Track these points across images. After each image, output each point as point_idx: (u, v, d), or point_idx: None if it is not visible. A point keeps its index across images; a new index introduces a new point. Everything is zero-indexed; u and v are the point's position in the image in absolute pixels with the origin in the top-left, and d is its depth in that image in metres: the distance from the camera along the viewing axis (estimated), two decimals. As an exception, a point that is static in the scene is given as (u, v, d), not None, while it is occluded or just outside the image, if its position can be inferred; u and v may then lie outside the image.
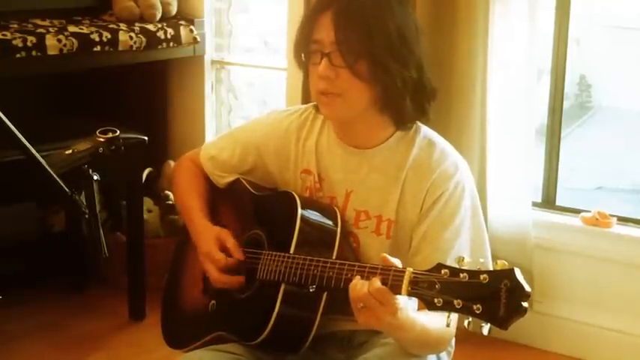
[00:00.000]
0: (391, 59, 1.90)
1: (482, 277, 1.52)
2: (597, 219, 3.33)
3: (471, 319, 1.53)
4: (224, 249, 2.05)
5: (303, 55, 1.99)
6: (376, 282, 1.65)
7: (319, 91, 1.95)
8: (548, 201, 3.50)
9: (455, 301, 1.53)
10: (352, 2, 1.91)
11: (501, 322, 1.49)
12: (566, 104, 3.56)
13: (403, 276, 1.62)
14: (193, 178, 2.27)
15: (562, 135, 3.47)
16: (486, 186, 3.28)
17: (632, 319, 3.30)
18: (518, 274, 1.50)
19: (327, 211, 2.01)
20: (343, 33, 1.89)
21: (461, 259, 1.57)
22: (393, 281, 1.64)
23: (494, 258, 1.99)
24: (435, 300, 1.56)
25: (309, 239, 1.93)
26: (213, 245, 2.06)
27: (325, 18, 1.91)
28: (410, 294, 1.61)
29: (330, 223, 1.97)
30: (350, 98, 1.93)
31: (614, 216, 3.34)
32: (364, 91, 1.92)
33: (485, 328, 1.51)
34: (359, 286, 1.68)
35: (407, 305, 1.70)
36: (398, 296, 1.64)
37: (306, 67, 2.00)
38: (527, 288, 1.49)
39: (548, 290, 3.36)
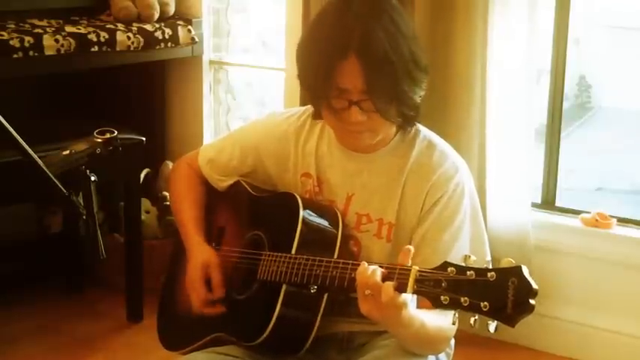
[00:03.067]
0: (413, 86, 1.88)
1: (489, 274, 1.51)
2: (597, 220, 3.32)
3: (477, 316, 1.52)
4: (208, 280, 2.05)
5: (324, 102, 1.90)
6: (390, 288, 1.62)
7: (350, 131, 1.93)
8: (548, 202, 3.49)
9: (462, 299, 1.52)
10: (372, 43, 1.82)
11: (509, 319, 1.48)
12: (565, 104, 3.55)
13: (409, 274, 1.61)
14: (189, 184, 2.25)
15: (562, 135, 3.46)
16: (486, 187, 3.27)
17: (632, 320, 3.29)
18: (526, 272, 1.49)
19: (329, 213, 2.00)
20: (374, 83, 1.82)
21: (467, 257, 1.56)
22: (399, 279, 1.63)
23: (493, 259, 1.98)
24: (442, 298, 1.55)
25: (310, 241, 1.92)
26: (199, 276, 2.05)
27: (350, 65, 1.82)
28: (416, 292, 1.60)
29: (332, 225, 1.96)
30: (379, 132, 1.93)
31: (614, 217, 3.34)
32: (392, 123, 1.93)
33: (492, 326, 1.50)
34: (369, 272, 1.66)
35: (411, 302, 1.69)
36: (403, 294, 1.63)
37: (321, 105, 1.94)
38: (535, 285, 1.48)
39: (548, 291, 3.34)
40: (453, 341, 2.05)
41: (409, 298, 1.66)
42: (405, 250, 1.68)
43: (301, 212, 1.93)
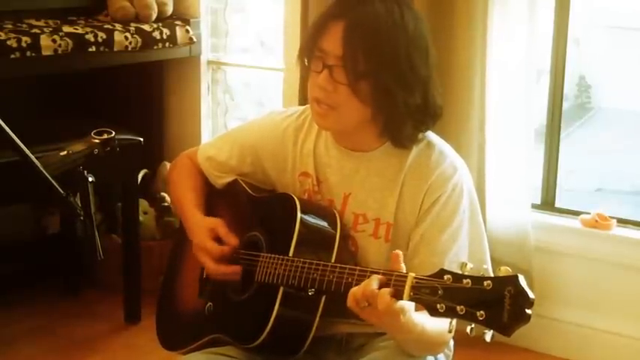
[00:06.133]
0: (396, 84, 1.86)
1: (485, 283, 1.50)
2: (597, 221, 3.31)
3: (473, 325, 1.51)
4: (217, 238, 2.03)
5: (306, 59, 1.94)
6: (386, 296, 1.62)
7: (314, 98, 1.93)
8: (548, 203, 3.48)
9: (458, 307, 1.51)
10: (366, 16, 1.85)
11: (505, 329, 1.47)
12: (565, 105, 3.54)
13: (405, 281, 1.60)
14: (189, 173, 2.25)
15: (561, 136, 3.45)
16: (485, 188, 3.26)
17: (631, 321, 3.28)
18: (522, 281, 1.48)
19: (327, 214, 1.99)
20: (351, 50, 1.83)
21: (464, 265, 1.55)
22: (394, 286, 1.62)
23: (493, 261, 1.98)
24: (438, 306, 1.54)
25: (308, 242, 1.91)
26: (206, 236, 2.04)
27: (336, 27, 1.86)
28: (412, 299, 1.60)
29: (330, 226, 1.95)
30: (344, 114, 1.90)
31: (614, 218, 3.33)
32: (360, 110, 1.89)
33: (488, 335, 1.50)
34: (362, 284, 1.65)
35: (409, 307, 1.67)
36: (401, 301, 1.62)
37: (308, 69, 1.95)
38: (531, 295, 1.47)
39: (548, 293, 3.34)
40: (452, 342, 2.05)
41: (407, 305, 1.65)
42: (395, 256, 1.67)
43: (299, 213, 1.92)
